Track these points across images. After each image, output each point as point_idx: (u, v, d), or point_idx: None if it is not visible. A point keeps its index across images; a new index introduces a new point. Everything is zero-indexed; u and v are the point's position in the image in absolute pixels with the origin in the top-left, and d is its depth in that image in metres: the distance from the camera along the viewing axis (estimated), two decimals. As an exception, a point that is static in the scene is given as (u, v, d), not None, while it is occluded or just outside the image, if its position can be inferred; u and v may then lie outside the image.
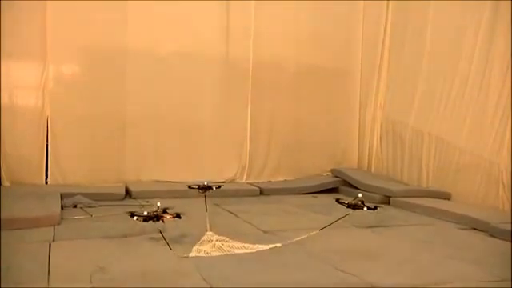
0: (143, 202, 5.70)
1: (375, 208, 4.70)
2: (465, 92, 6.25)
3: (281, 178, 7.33)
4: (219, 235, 4.08)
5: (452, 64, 6.39)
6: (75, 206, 5.29)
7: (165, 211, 4.19)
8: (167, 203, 4.98)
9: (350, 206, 4.69)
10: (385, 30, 7.50)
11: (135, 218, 4.06)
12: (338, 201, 4.86)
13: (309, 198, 6.54)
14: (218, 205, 5.57)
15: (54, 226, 4.42)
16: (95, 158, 6.45)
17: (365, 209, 4.66)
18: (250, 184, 6.97)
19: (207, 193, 4.83)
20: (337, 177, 7.19)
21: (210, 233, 4.15)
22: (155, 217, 4.10)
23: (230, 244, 3.99)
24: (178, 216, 4.21)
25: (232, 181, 7.02)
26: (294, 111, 7.40)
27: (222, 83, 7.07)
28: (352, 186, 6.80)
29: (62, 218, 4.64)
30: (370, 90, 7.65)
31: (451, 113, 6.41)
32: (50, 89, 6.28)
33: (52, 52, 6.23)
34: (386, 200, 6.20)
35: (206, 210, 4.53)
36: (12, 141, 6.07)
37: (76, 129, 6.39)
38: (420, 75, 6.89)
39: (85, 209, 5.23)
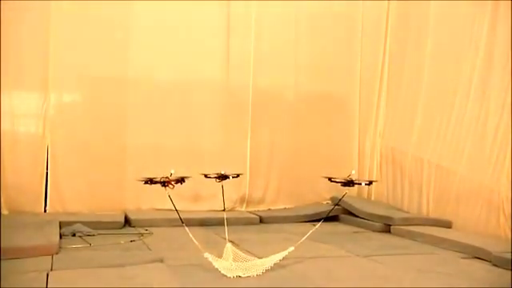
0: (142, 231, 5.67)
1: (370, 183, 4.61)
2: (464, 119, 6.27)
3: (281, 206, 7.30)
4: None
5: (451, 91, 6.43)
6: (74, 235, 5.26)
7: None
8: (167, 232, 4.98)
9: (344, 184, 4.75)
10: (383, 58, 7.59)
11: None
12: (330, 179, 4.89)
13: (309, 227, 6.48)
14: (217, 234, 5.54)
15: (52, 255, 4.37)
16: (95, 185, 6.44)
17: (363, 184, 4.62)
18: (250, 212, 6.94)
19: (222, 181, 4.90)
20: (337, 205, 7.15)
21: (229, 244, 4.19)
22: (163, 182, 4.13)
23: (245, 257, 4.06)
24: (182, 180, 4.25)
25: (232, 209, 6.98)
26: (293, 139, 7.42)
27: (222, 111, 7.12)
28: (352, 214, 6.78)
29: (60, 247, 4.59)
30: (370, 117, 7.69)
31: (450, 140, 6.42)
32: (51, 117, 6.32)
33: (53, 80, 6.29)
34: (387, 228, 6.16)
35: (224, 210, 4.48)
36: (12, 169, 6.07)
37: (76, 157, 6.40)
38: (419, 102, 6.93)
39: (84, 237, 5.19)
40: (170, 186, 4.34)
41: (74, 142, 6.41)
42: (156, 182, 4.22)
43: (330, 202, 7.36)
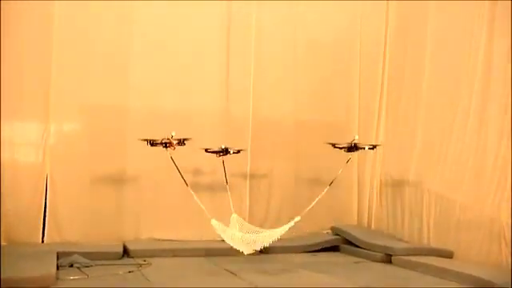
0: (141, 261, 5.61)
1: (373, 147, 4.53)
2: (463, 147, 6.28)
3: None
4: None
5: (449, 120, 6.46)
6: (71, 266, 5.19)
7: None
8: (165, 262, 4.93)
9: (349, 149, 4.82)
10: (382, 86, 7.64)
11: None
12: (334, 146, 5.11)
13: (309, 257, 6.44)
14: (216, 264, 5.48)
15: (49, 286, 4.32)
16: (93, 215, 6.40)
17: (366, 147, 4.59)
18: (250, 242, 6.86)
19: (224, 156, 5.17)
20: (337, 234, 7.11)
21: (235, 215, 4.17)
22: (165, 143, 4.11)
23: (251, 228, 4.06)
24: (183, 142, 4.33)
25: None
26: (293, 168, 7.40)
27: (222, 139, 7.06)
28: (352, 244, 6.73)
29: (57, 279, 4.55)
30: (369, 140, 7.65)
31: (450, 168, 6.41)
32: (51, 146, 6.32)
33: (54, 109, 6.32)
34: (388, 259, 6.10)
35: (227, 183, 4.43)
36: (11, 198, 6.04)
37: (75, 186, 6.39)
38: (418, 130, 6.95)
39: (81, 269, 5.12)
40: (172, 147, 4.46)
41: (73, 170, 6.39)
42: (158, 143, 4.29)
43: (329, 231, 7.30)
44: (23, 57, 6.20)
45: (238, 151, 5.15)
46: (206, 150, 5.03)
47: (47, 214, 6.27)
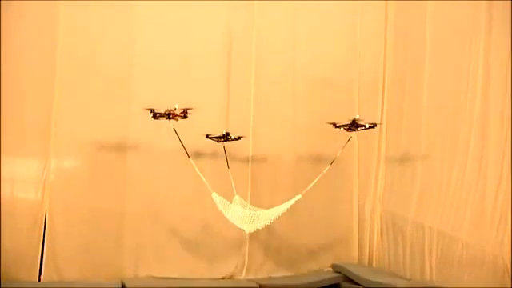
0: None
1: (374, 126, 4.92)
2: (463, 184, 6.27)
3: (281, 274, 7.13)
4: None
5: (449, 156, 6.48)
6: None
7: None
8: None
9: (350, 127, 4.82)
10: (381, 116, 7.65)
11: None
12: (335, 125, 5.08)
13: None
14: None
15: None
16: (92, 253, 6.35)
17: (366, 125, 4.55)
18: (250, 280, 6.77)
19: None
20: (338, 272, 7.03)
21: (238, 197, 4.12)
22: (168, 114, 4.07)
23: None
24: (186, 113, 4.29)
25: (231, 277, 6.85)
26: (292, 208, 7.35)
27: (222, 176, 7.10)
28: (354, 282, 6.64)
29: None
30: (369, 181, 7.67)
31: (451, 204, 6.38)
32: (50, 183, 6.31)
33: (55, 146, 6.35)
34: (391, 296, 6.03)
35: (228, 167, 4.36)
36: (9, 235, 5.99)
37: (74, 223, 6.35)
38: (418, 167, 6.95)
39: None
40: (175, 118, 4.51)
41: (71, 208, 6.36)
42: (161, 114, 4.29)
43: (330, 269, 7.22)
44: (25, 92, 6.28)
45: (239, 138, 5.23)
46: (207, 136, 5.18)
47: (45, 251, 6.20)
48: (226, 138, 5.23)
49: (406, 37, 7.57)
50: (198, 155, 6.56)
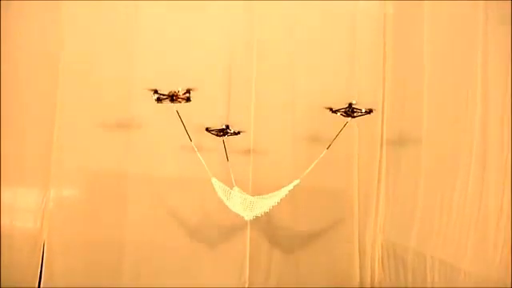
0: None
1: (370, 111, 4.92)
2: (464, 213, 6.23)
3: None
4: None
5: (450, 184, 6.44)
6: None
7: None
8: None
9: (346, 114, 4.81)
10: (381, 152, 7.64)
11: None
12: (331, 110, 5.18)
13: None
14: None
15: None
16: (90, 282, 6.32)
17: (363, 110, 5.03)
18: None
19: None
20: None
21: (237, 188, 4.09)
22: (172, 96, 4.49)
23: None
24: (188, 94, 4.60)
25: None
26: (293, 234, 7.32)
27: (221, 208, 7.07)
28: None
29: None
30: (369, 211, 7.59)
31: (453, 233, 6.31)
32: (49, 213, 6.35)
33: (54, 175, 6.40)
34: (391, 327, 5.92)
35: (228, 160, 4.31)
36: (6, 264, 5.97)
37: (73, 253, 6.35)
38: (418, 195, 6.86)
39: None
40: (178, 100, 4.50)
41: (70, 237, 6.38)
42: (165, 95, 4.28)
43: (332, 298, 7.15)
44: (25, 122, 6.40)
45: (238, 132, 5.50)
46: (207, 130, 5.22)
47: (43, 280, 6.19)
48: (225, 132, 5.28)
49: (404, 64, 7.57)
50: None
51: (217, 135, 6.07)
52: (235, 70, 7.24)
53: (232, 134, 6.18)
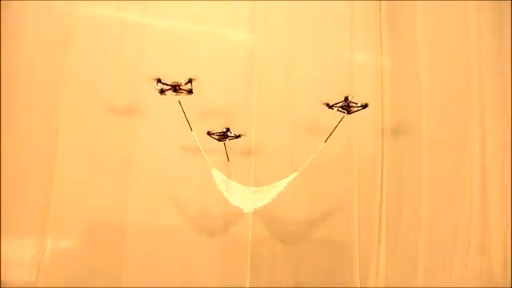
0: None
1: (366, 106, 5.12)
2: (466, 270, 6.19)
3: None
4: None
5: (451, 229, 6.43)
6: None
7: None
8: None
9: (343, 107, 4.69)
10: (381, 201, 7.64)
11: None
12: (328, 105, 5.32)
13: None
14: None
15: None
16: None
17: (358, 104, 5.09)
18: None
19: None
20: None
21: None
22: (174, 86, 4.62)
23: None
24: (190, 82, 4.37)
25: None
26: (293, 284, 7.18)
27: (221, 257, 6.99)
28: None
29: None
30: (371, 262, 7.52)
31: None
32: (46, 264, 6.17)
33: (51, 227, 6.26)
34: None
35: (228, 160, 4.33)
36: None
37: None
38: (420, 247, 6.89)
39: None
40: (181, 91, 4.57)
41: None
42: (168, 85, 4.25)
43: None
44: (24, 173, 6.29)
45: (239, 136, 5.67)
46: (208, 133, 5.21)
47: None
48: (225, 135, 5.42)
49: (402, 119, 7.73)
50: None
51: (218, 140, 6.18)
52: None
53: (233, 138, 6.22)
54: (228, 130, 6.09)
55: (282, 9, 7.68)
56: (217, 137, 6.28)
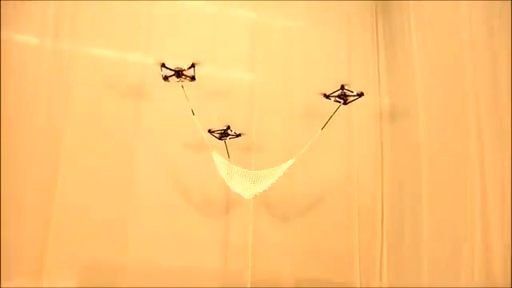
0: None
1: (361, 94, 5.33)
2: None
3: None
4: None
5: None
6: None
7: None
8: None
9: (339, 96, 5.32)
10: (382, 243, 7.61)
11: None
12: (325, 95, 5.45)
13: None
14: None
15: None
16: None
17: (354, 92, 5.29)
18: None
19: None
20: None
21: None
22: (178, 71, 4.87)
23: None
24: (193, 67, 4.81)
25: None
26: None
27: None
28: None
29: None
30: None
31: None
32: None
33: (48, 269, 6.18)
34: None
35: (228, 156, 4.95)
36: None
37: None
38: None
39: None
40: (183, 78, 4.61)
41: None
42: (171, 69, 4.86)
43: None
44: (22, 214, 6.24)
45: (239, 135, 5.84)
46: (209, 131, 5.69)
47: None
48: (226, 133, 5.50)
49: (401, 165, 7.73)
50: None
51: (219, 138, 6.24)
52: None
53: (233, 137, 6.30)
54: (228, 127, 6.17)
55: (280, 51, 7.85)
56: (217, 135, 6.33)
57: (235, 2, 7.82)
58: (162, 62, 5.46)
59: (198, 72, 6.12)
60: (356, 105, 7.31)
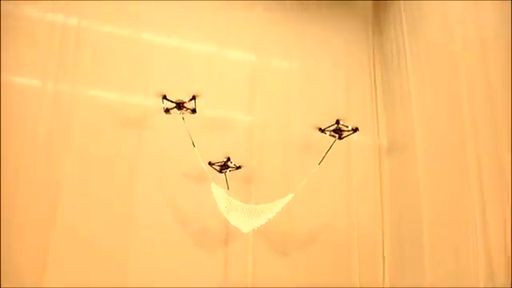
0: None
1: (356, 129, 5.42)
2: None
3: None
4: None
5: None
6: None
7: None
8: None
9: (335, 131, 5.40)
10: (383, 274, 7.55)
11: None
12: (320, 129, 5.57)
13: None
14: None
15: None
16: None
17: (349, 127, 5.37)
18: None
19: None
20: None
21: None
22: (179, 104, 4.98)
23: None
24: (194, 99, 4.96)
25: None
26: None
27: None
28: None
29: None
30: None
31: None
32: None
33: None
34: None
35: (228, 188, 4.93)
36: None
37: None
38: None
39: None
40: (184, 110, 4.58)
41: None
42: (172, 102, 4.95)
43: None
44: (21, 247, 6.18)
45: (239, 167, 5.88)
46: (210, 164, 5.78)
47: None
48: (225, 165, 5.52)
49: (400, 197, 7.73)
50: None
51: (219, 171, 6.32)
52: None
53: (233, 169, 6.35)
54: (228, 159, 6.23)
55: (278, 90, 7.97)
56: (218, 167, 6.37)
57: (234, 43, 8.00)
58: (163, 93, 5.54)
59: (199, 107, 6.23)
60: (354, 139, 7.46)
